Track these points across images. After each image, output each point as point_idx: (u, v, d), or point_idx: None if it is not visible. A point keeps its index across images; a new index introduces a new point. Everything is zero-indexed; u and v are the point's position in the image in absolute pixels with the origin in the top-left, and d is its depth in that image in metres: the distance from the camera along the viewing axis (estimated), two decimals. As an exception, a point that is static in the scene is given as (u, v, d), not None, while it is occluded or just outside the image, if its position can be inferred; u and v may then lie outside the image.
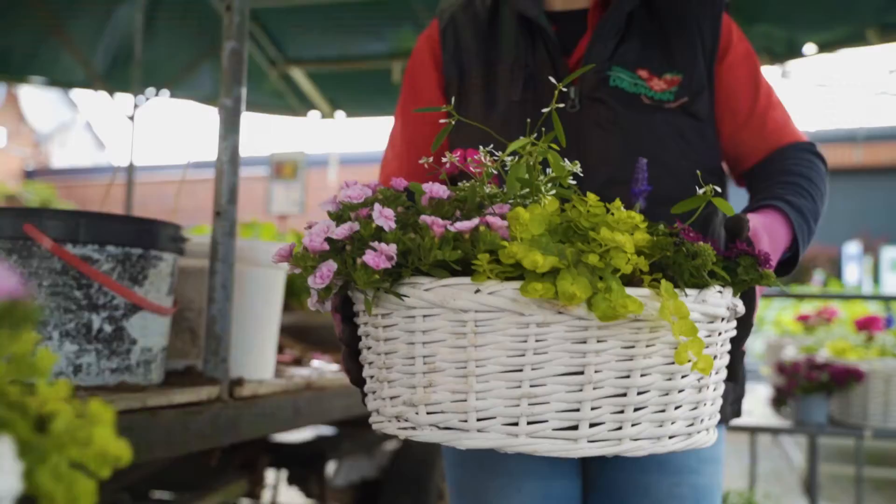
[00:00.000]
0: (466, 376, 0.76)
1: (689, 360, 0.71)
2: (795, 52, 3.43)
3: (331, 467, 2.65)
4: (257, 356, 1.51)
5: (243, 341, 1.47)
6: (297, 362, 1.84)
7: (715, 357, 0.82)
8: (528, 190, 0.82)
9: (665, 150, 1.18)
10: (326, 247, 0.79)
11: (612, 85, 1.20)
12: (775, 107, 1.25)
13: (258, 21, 4.28)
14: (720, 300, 0.79)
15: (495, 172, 0.86)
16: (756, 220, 0.95)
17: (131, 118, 4.10)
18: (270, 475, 2.65)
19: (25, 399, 0.47)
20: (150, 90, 4.35)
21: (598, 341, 0.75)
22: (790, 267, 1.05)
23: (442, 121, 0.90)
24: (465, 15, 1.33)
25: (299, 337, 2.03)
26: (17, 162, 13.03)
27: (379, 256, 0.74)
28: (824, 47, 3.49)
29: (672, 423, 0.79)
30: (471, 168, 0.89)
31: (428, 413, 0.79)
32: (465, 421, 0.77)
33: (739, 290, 0.83)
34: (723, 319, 0.81)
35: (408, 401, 0.80)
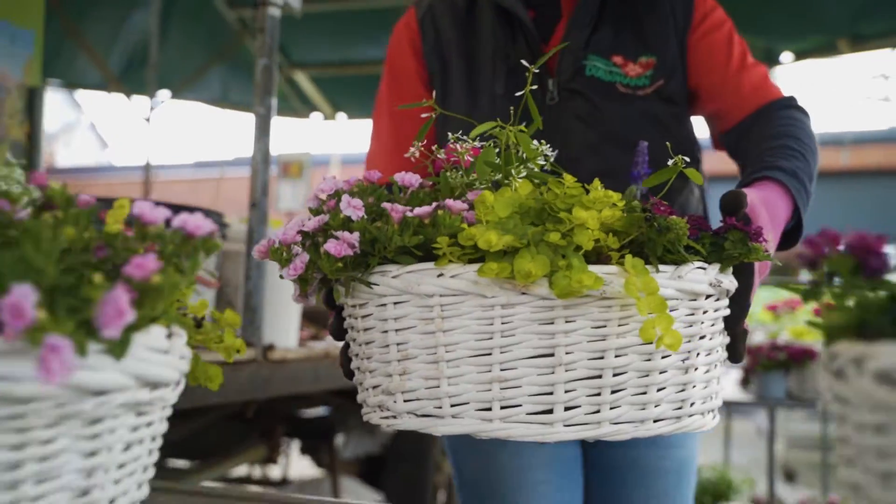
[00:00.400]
0: (437, 362, 0.76)
1: (657, 336, 0.68)
2: (773, 60, 3.64)
3: (339, 440, 2.91)
4: (284, 328, 1.74)
5: (273, 315, 1.66)
6: (314, 337, 2.05)
7: (703, 337, 0.78)
8: (499, 175, 0.81)
9: (646, 134, 1.14)
10: (299, 238, 0.80)
11: (588, 75, 1.21)
12: (751, 67, 1.23)
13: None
14: (702, 276, 0.76)
15: (471, 160, 0.85)
16: (753, 195, 0.90)
17: (147, 119, 4.32)
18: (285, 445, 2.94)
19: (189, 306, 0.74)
20: (163, 92, 4.50)
21: (567, 321, 0.73)
22: (797, 235, 1.01)
23: (424, 115, 0.90)
24: (442, 4, 1.33)
25: (313, 320, 2.21)
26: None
27: (341, 244, 0.74)
28: (800, 56, 3.70)
29: (656, 406, 0.76)
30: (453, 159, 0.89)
31: (405, 401, 0.79)
32: (440, 407, 0.77)
33: (728, 266, 0.79)
34: (709, 297, 0.78)
35: (386, 389, 0.80)
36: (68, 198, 0.63)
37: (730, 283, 0.79)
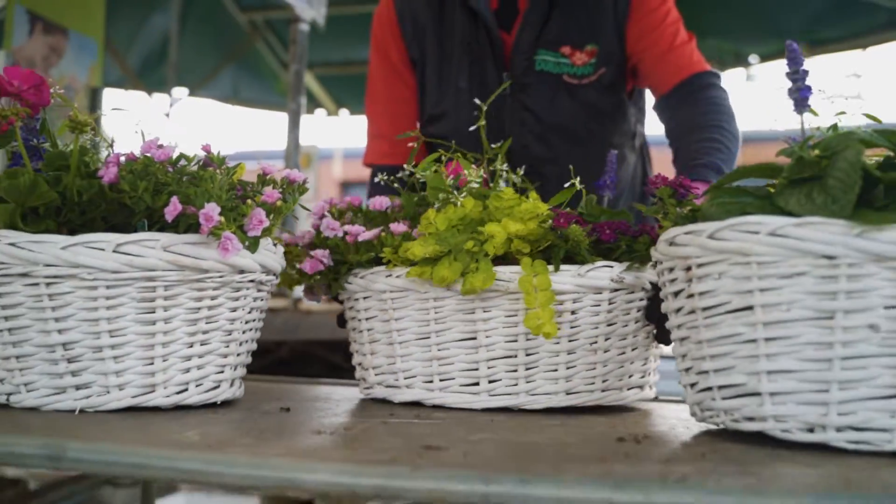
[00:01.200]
0: (392, 343, 0.96)
1: (537, 325, 0.85)
2: (742, 62, 3.95)
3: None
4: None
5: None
6: (335, 299, 2.35)
7: (612, 324, 0.93)
8: (445, 196, 0.99)
9: (587, 123, 1.34)
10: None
11: (538, 69, 1.35)
12: (679, 46, 1.34)
13: (272, 30, 4.96)
14: (604, 274, 0.91)
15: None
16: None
17: (167, 115, 4.76)
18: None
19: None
20: (181, 90, 4.89)
21: (484, 311, 0.91)
22: None
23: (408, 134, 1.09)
24: None
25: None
26: None
27: (315, 262, 0.97)
28: (765, 58, 4.01)
29: (567, 381, 0.93)
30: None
31: (375, 374, 1.00)
32: (397, 380, 0.97)
33: (637, 264, 0.93)
34: (617, 290, 0.93)
35: (364, 364, 1.02)
36: (221, 160, 0.89)
37: (635, 279, 0.93)
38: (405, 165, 1.07)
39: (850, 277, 0.64)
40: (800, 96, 0.73)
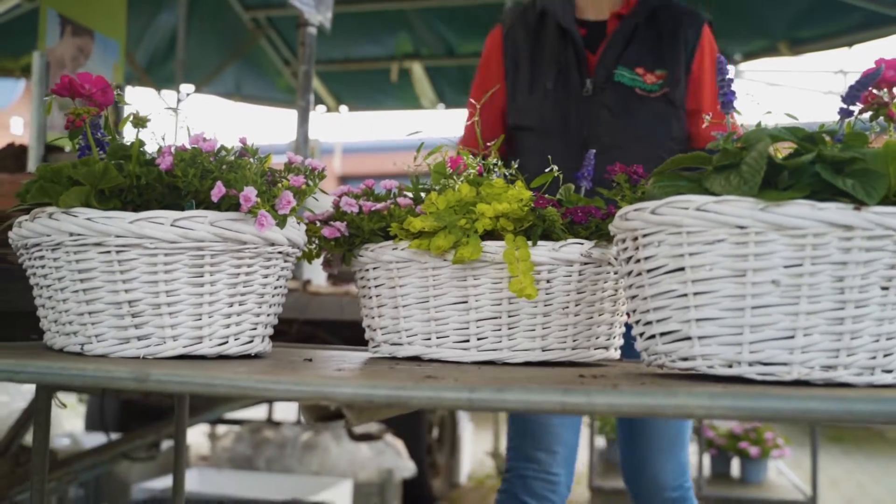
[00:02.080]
0: (396, 307, 1.14)
1: (520, 289, 1.02)
2: (729, 60, 4.28)
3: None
4: (318, 269, 2.21)
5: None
6: (344, 282, 2.55)
7: (581, 292, 1.11)
8: (445, 181, 1.17)
9: (649, 128, 1.71)
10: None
11: (615, 80, 1.72)
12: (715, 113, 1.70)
13: (274, 27, 5.23)
14: (575, 249, 1.09)
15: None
16: None
17: (175, 110, 4.96)
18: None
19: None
20: (187, 86, 5.12)
21: (474, 279, 1.09)
22: None
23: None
24: (520, 23, 1.85)
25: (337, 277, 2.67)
26: None
27: (333, 230, 1.14)
28: (748, 57, 4.39)
29: (543, 339, 1.10)
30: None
31: (382, 334, 1.18)
32: (400, 338, 1.15)
33: (604, 242, 1.11)
34: (587, 264, 1.11)
35: (372, 326, 1.19)
36: (255, 150, 1.06)
37: (601, 254, 1.11)
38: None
39: (757, 243, 0.81)
40: (727, 100, 0.91)
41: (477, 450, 5.04)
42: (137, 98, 5.70)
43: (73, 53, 2.30)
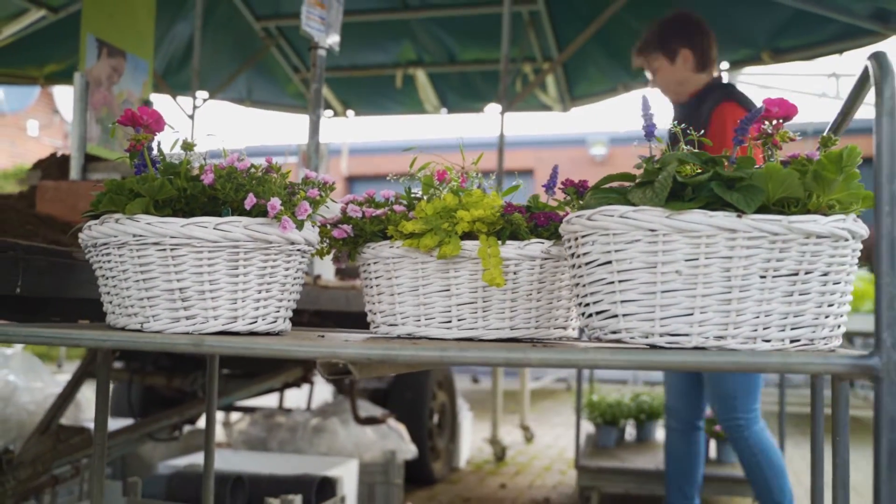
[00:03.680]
0: (392, 294, 1.40)
1: (492, 278, 1.28)
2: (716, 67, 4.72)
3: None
4: (327, 267, 2.51)
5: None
6: (350, 278, 2.81)
7: (542, 282, 1.37)
8: (433, 190, 1.43)
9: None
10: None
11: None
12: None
13: (284, 36, 5.57)
14: (537, 248, 1.34)
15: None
16: None
17: (191, 117, 5.27)
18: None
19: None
20: (202, 93, 5.39)
21: (455, 271, 1.34)
22: None
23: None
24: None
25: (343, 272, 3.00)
26: (49, 150, 14.97)
27: (341, 231, 1.40)
28: (734, 65, 4.75)
29: (511, 320, 1.36)
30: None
31: (380, 317, 1.43)
32: (395, 319, 1.40)
33: (561, 241, 1.36)
34: (547, 259, 1.36)
35: (373, 310, 1.45)
36: (279, 168, 1.32)
37: (559, 251, 1.36)
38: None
39: (665, 242, 1.07)
40: (648, 131, 1.16)
41: (476, 437, 5.30)
42: (157, 103, 5.98)
43: (109, 73, 2.57)
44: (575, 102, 6.00)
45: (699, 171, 1.12)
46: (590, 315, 1.17)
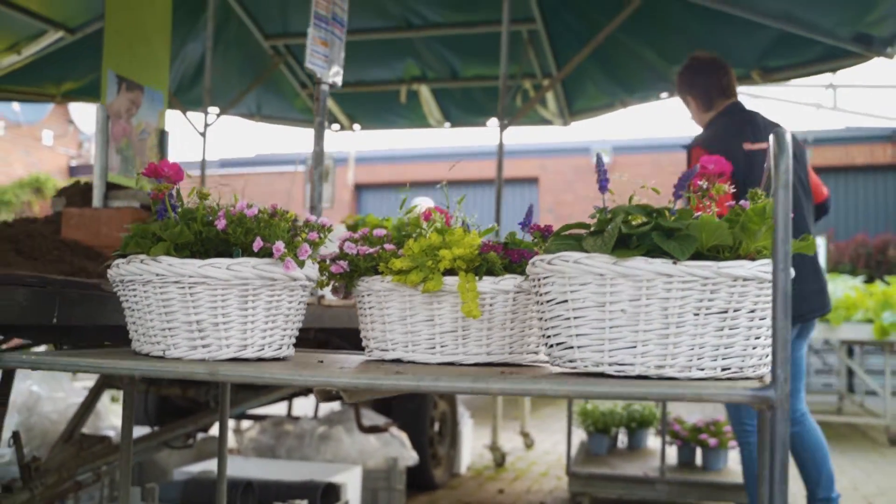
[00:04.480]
0: (384, 323, 1.58)
1: (469, 311, 1.46)
2: None
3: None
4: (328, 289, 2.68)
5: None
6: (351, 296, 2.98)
7: (515, 312, 1.54)
8: (419, 230, 1.61)
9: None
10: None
11: None
12: None
13: (291, 53, 5.81)
14: (510, 282, 1.52)
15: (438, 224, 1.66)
16: None
17: (203, 134, 5.49)
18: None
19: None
20: (213, 109, 5.63)
21: (438, 303, 1.52)
22: None
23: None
24: None
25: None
26: (63, 159, 14.78)
27: (339, 266, 1.59)
28: None
29: (488, 347, 1.54)
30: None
31: (373, 343, 1.61)
32: (386, 345, 1.58)
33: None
34: (519, 293, 1.53)
35: (367, 336, 1.63)
36: (283, 212, 1.50)
37: (529, 286, 1.54)
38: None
39: (612, 285, 1.24)
40: (601, 185, 1.34)
41: (476, 444, 5.47)
42: (170, 121, 6.15)
43: (127, 106, 2.77)
44: (574, 117, 6.19)
45: (645, 221, 1.30)
46: (551, 346, 1.35)
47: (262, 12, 5.61)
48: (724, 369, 1.26)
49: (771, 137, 1.10)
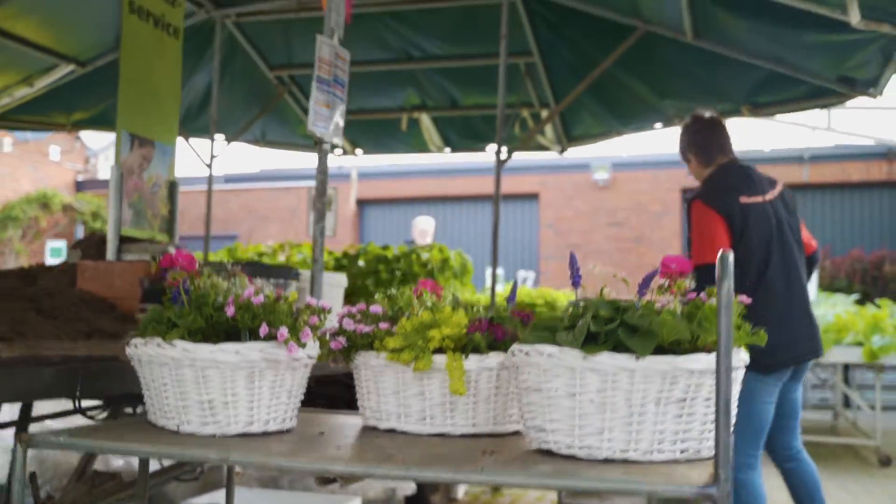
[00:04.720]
0: (379, 395, 1.72)
1: (456, 388, 1.60)
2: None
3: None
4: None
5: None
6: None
7: (499, 386, 1.69)
8: (412, 307, 1.75)
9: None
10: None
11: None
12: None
13: (295, 83, 5.97)
14: (493, 360, 1.67)
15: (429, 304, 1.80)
16: None
17: (209, 165, 5.68)
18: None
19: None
20: (219, 136, 5.87)
21: (428, 380, 1.67)
22: None
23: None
24: None
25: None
26: (70, 175, 14.97)
27: (338, 343, 1.73)
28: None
29: (474, 419, 1.68)
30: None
31: (369, 412, 1.76)
32: (381, 416, 1.73)
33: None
34: (504, 369, 1.68)
35: (363, 405, 1.77)
36: (286, 297, 1.65)
37: (497, 363, 1.68)
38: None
39: (581, 377, 1.39)
40: (574, 281, 1.49)
41: (476, 467, 5.60)
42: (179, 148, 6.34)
43: (140, 161, 2.92)
44: (571, 143, 6.33)
45: (612, 317, 1.44)
46: (528, 427, 1.49)
47: (267, 44, 5.77)
48: (682, 451, 1.40)
49: (718, 257, 1.24)
